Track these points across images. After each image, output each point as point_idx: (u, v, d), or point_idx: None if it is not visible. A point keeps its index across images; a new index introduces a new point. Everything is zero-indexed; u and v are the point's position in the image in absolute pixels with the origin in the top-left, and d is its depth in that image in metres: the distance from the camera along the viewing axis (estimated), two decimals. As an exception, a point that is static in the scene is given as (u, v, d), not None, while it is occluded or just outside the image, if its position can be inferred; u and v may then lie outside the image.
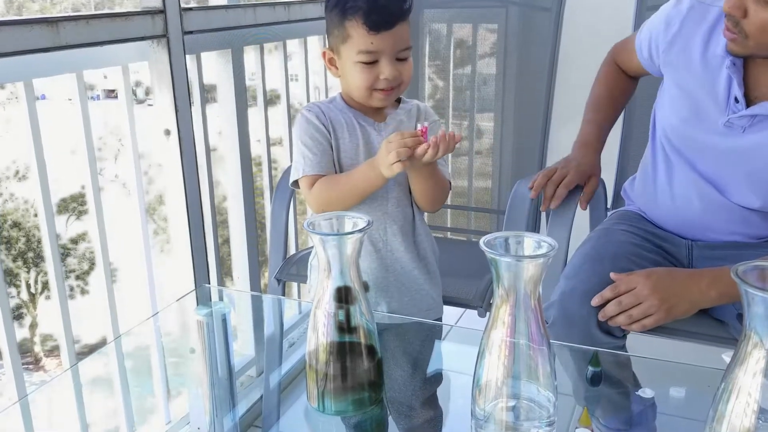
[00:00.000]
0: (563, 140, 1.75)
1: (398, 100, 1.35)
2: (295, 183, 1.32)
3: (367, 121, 1.31)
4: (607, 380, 1.04)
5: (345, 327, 0.92)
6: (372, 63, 1.21)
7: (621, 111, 1.65)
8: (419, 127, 1.17)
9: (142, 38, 1.47)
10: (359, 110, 1.31)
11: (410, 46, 1.24)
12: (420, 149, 1.15)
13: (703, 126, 1.32)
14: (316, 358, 0.92)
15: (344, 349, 0.93)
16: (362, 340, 0.93)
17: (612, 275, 1.25)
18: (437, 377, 1.12)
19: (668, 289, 1.21)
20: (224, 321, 1.33)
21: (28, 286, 12.64)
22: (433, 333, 1.30)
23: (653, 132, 1.46)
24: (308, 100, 2.24)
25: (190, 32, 1.57)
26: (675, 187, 1.40)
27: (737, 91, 1.24)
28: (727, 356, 0.75)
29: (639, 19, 1.75)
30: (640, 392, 1.01)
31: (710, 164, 1.33)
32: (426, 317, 1.36)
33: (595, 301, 1.23)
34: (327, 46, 1.30)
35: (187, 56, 1.58)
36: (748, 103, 1.25)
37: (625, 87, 1.58)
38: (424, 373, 1.07)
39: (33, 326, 12.48)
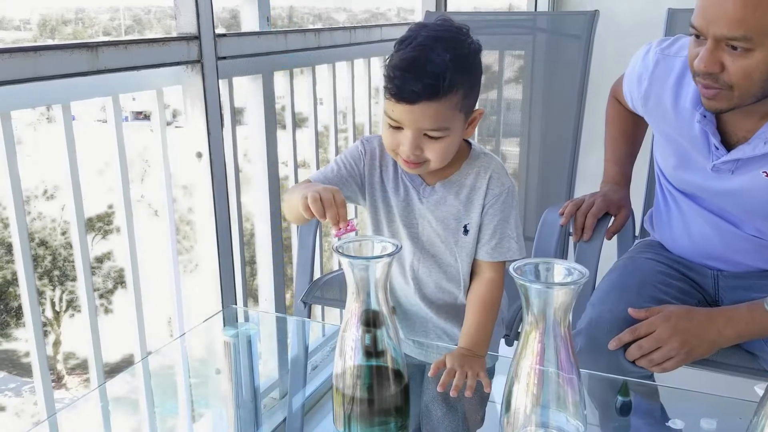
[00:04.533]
0: (592, 168, 1.75)
1: (465, 154, 1.17)
2: None
3: (414, 181, 1.18)
4: (636, 410, 1.03)
5: (372, 351, 0.93)
6: (396, 128, 1.07)
7: (641, 141, 1.64)
8: (350, 223, 0.99)
9: (178, 63, 1.50)
10: None
11: (445, 127, 1.06)
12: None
13: (693, 171, 1.32)
14: (343, 381, 0.93)
15: (371, 373, 0.93)
16: (389, 365, 0.93)
17: (630, 311, 1.24)
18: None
19: (688, 332, 1.20)
20: (250, 342, 1.34)
21: (53, 304, 12.79)
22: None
23: (657, 172, 1.46)
24: (335, 125, 2.26)
25: (224, 58, 1.60)
26: (690, 224, 1.39)
27: (714, 140, 1.24)
28: (759, 388, 0.74)
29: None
30: (670, 423, 0.99)
31: (713, 203, 1.33)
32: None
33: (612, 345, 1.22)
34: None
35: (220, 80, 1.61)
36: (729, 147, 1.24)
37: (636, 120, 1.57)
38: (454, 400, 1.06)
39: (57, 344, 12.60)
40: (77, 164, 1.38)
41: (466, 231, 1.17)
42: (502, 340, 1.43)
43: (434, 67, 1.01)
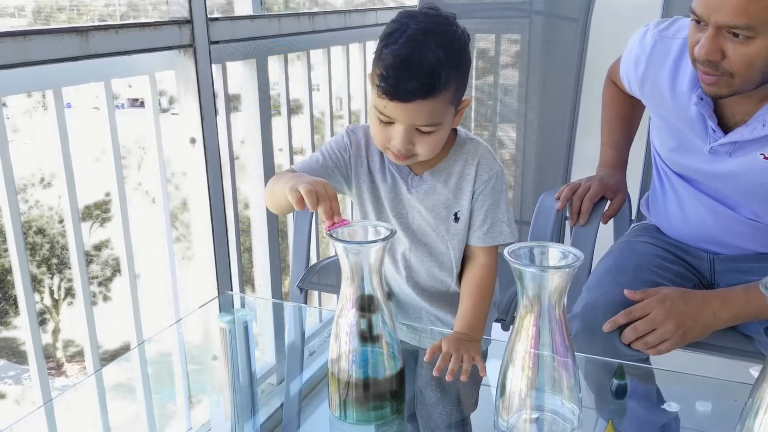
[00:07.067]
0: (589, 152, 1.74)
1: (452, 141, 1.15)
2: None
3: (401, 171, 1.16)
4: (632, 393, 1.03)
5: (367, 335, 0.93)
6: (387, 123, 1.05)
7: (637, 124, 1.63)
8: (345, 220, 0.94)
9: (170, 48, 1.49)
10: None
11: (438, 122, 1.04)
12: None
13: (690, 154, 1.31)
14: (339, 366, 0.93)
15: (366, 358, 0.93)
16: (384, 349, 0.93)
17: (626, 293, 1.24)
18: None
19: (683, 314, 1.20)
20: (246, 328, 1.33)
21: (51, 292, 12.79)
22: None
23: (654, 155, 1.46)
24: (331, 110, 2.25)
25: (216, 42, 1.59)
26: (686, 207, 1.39)
27: (711, 123, 1.23)
28: (755, 371, 0.74)
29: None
30: (665, 405, 1.00)
31: (710, 186, 1.33)
32: None
33: (607, 327, 1.22)
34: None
35: (213, 65, 1.59)
36: (726, 130, 1.23)
37: (633, 102, 1.55)
38: (447, 384, 1.06)
39: (56, 332, 12.62)
40: (69, 150, 1.37)
41: (456, 218, 1.16)
42: (498, 325, 1.43)
43: (429, 66, 0.99)
